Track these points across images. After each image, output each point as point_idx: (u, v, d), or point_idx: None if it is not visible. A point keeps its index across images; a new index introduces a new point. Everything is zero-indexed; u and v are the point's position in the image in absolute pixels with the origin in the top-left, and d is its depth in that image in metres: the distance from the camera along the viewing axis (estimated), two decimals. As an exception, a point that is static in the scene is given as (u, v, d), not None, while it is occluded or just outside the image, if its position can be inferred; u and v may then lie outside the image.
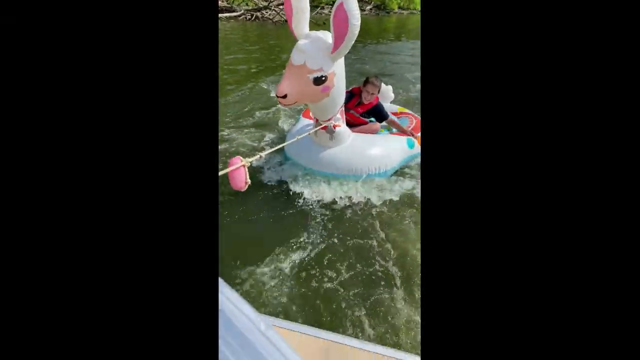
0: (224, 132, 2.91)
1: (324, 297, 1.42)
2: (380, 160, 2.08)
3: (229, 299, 0.38)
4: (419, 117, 2.62)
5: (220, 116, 3.15)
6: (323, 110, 1.85)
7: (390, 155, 2.13)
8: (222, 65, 5.58)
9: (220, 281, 0.39)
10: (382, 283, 1.49)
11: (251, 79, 4.80)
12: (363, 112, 2.24)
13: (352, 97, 2.22)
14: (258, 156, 1.33)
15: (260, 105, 3.62)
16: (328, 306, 1.38)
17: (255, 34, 10.14)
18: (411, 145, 2.25)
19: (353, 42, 1.55)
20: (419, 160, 2.37)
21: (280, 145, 1.63)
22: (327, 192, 2.00)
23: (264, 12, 14.33)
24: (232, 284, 1.48)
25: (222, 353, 0.35)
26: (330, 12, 1.60)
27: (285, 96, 1.59)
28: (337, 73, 1.71)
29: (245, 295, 1.45)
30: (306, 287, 1.47)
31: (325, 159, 2.04)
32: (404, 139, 2.24)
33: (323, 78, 1.64)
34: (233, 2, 14.69)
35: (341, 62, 1.74)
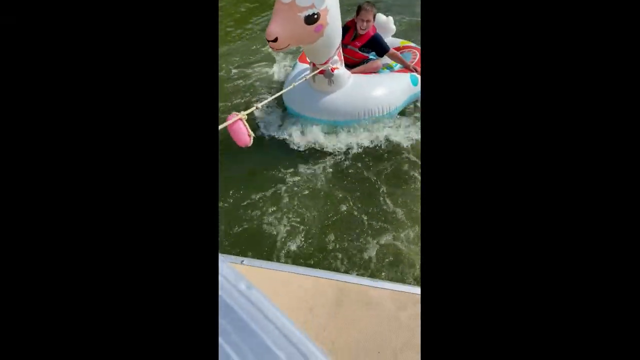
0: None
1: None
2: (384, 100, 2.01)
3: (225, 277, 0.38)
4: None
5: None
6: (319, 52, 1.75)
7: (394, 95, 2.05)
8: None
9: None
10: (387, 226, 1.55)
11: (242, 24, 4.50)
12: (362, 46, 2.11)
13: (347, 30, 2.08)
14: (254, 107, 1.32)
15: (254, 53, 3.39)
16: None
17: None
18: (415, 82, 2.15)
19: None
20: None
21: (276, 95, 1.59)
22: (331, 142, 1.97)
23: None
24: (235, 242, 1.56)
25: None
26: None
27: (275, 39, 1.48)
28: (331, 9, 1.58)
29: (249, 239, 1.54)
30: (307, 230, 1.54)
31: (325, 105, 1.98)
32: (407, 75, 2.14)
33: (315, 16, 1.51)
34: None
35: None
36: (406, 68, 2.18)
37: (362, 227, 1.55)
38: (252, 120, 1.93)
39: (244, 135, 1.23)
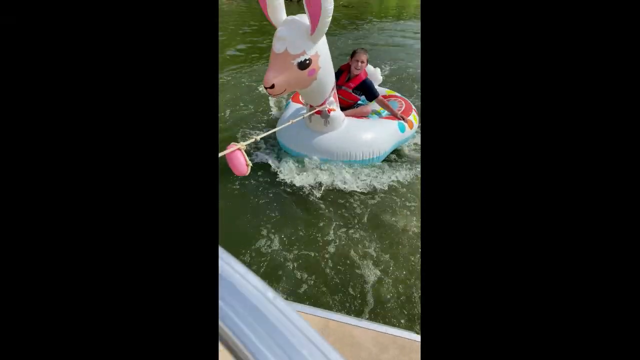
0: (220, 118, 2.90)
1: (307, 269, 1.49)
2: (374, 144, 2.12)
3: (231, 266, 0.39)
4: (408, 100, 2.64)
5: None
6: (314, 95, 1.86)
7: (383, 140, 2.17)
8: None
9: (222, 250, 0.39)
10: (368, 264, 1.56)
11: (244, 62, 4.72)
12: (355, 88, 2.27)
13: (342, 73, 2.28)
14: (253, 139, 1.37)
15: (250, 95, 3.54)
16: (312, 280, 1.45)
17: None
18: (402, 129, 2.28)
19: (329, 19, 1.53)
20: (408, 143, 2.43)
21: (274, 130, 1.67)
22: (321, 178, 2.03)
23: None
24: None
25: (228, 316, 0.35)
26: None
27: (272, 86, 1.58)
28: (321, 54, 1.70)
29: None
30: (298, 263, 1.53)
31: (319, 144, 2.07)
32: (395, 122, 2.28)
33: (307, 61, 1.64)
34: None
35: (324, 43, 1.73)
36: (393, 115, 2.32)
37: (350, 263, 1.56)
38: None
39: (241, 164, 1.27)
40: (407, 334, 1.02)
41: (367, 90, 2.26)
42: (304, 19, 1.63)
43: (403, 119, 2.31)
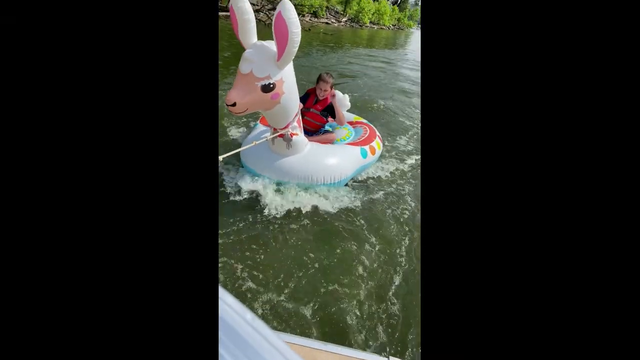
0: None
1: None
2: (336, 169, 2.22)
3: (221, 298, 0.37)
4: (374, 127, 2.81)
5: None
6: (277, 117, 1.94)
7: (345, 165, 2.28)
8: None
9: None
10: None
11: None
12: (322, 110, 2.43)
13: (309, 96, 2.44)
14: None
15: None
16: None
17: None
18: (364, 155, 2.42)
19: (296, 49, 1.62)
20: (370, 169, 2.58)
21: (236, 150, 1.71)
22: (280, 201, 2.07)
23: (256, 14, 14.85)
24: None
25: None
26: (311, 19, 1.64)
27: (234, 104, 1.64)
28: (287, 80, 1.79)
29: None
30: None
31: (281, 167, 2.14)
32: (358, 149, 2.41)
33: (271, 85, 1.71)
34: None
35: (290, 70, 1.81)
36: (338, 120, 2.45)
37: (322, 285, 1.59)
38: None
39: None
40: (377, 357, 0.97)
41: (332, 109, 2.43)
42: (272, 45, 1.70)
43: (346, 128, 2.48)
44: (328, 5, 24.63)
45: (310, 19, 20.88)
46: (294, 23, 1.51)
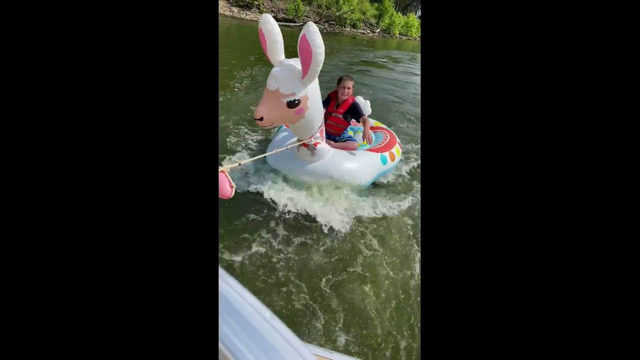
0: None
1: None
2: (356, 174, 2.32)
3: (231, 286, 0.37)
4: (394, 133, 2.86)
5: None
6: (301, 130, 2.07)
7: (365, 170, 2.37)
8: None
9: (222, 271, 0.38)
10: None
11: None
12: (344, 113, 2.49)
13: (330, 100, 2.51)
14: (237, 164, 1.51)
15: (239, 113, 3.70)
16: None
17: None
18: (384, 162, 2.48)
19: (319, 68, 1.73)
20: (389, 174, 2.65)
21: (260, 156, 1.84)
22: (305, 201, 2.19)
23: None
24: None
25: (226, 337, 0.33)
26: (351, 30, 1.70)
27: (261, 118, 1.78)
28: (311, 96, 1.90)
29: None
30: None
31: (306, 171, 2.29)
32: (378, 155, 2.48)
33: (296, 102, 1.83)
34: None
35: (314, 86, 1.92)
36: (364, 135, 2.45)
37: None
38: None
39: (225, 186, 1.38)
40: None
41: (355, 111, 2.47)
42: (297, 63, 1.83)
43: (369, 142, 2.51)
44: (364, 18, 29.61)
45: (350, 29, 26.49)
46: (317, 45, 1.62)
